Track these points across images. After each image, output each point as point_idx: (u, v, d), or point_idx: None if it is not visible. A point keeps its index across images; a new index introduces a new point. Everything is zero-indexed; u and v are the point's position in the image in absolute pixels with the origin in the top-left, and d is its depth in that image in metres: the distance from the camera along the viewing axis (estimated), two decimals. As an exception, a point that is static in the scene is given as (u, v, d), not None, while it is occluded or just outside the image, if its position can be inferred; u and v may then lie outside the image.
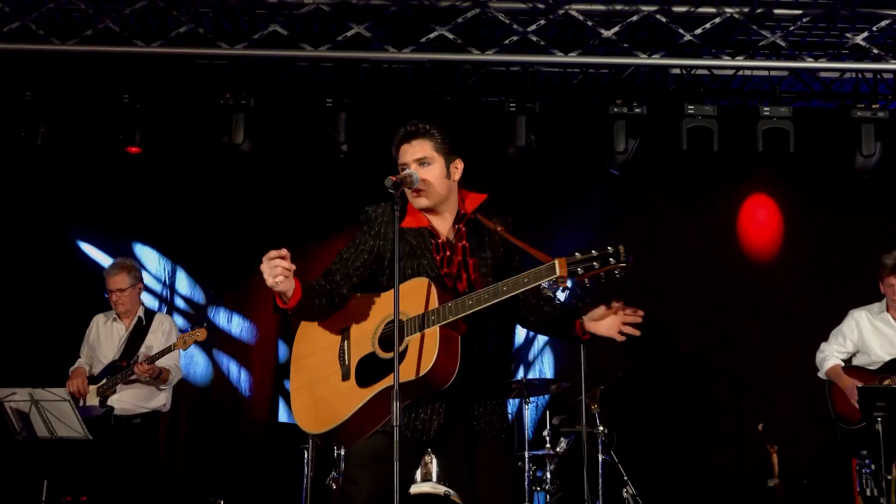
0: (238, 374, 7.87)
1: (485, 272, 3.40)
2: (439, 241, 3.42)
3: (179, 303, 7.96)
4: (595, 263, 3.08)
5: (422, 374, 3.15)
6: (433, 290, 3.23)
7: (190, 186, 7.78)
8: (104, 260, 7.69)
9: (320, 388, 3.37)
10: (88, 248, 7.92)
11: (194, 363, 7.77)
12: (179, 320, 7.74)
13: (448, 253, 3.41)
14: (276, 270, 3.13)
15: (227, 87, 6.92)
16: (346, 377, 3.32)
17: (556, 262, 3.10)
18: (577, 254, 3.11)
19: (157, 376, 5.89)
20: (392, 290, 3.19)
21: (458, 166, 3.49)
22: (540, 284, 3.17)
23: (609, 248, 3.09)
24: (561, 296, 4.07)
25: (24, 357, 7.18)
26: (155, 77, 7.06)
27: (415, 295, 3.25)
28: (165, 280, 7.90)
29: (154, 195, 7.71)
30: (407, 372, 3.15)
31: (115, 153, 7.13)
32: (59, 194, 7.68)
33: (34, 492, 5.76)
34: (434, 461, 5.64)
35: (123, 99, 6.83)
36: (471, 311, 3.17)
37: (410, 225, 3.41)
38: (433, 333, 3.17)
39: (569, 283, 3.21)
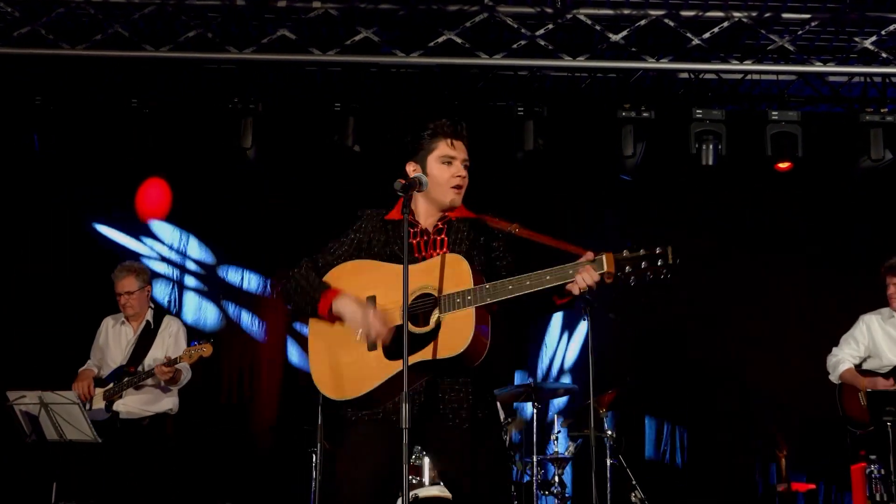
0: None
1: None
2: (417, 228, 3.48)
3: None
4: (643, 263, 3.06)
5: (454, 354, 3.17)
6: (466, 267, 3.24)
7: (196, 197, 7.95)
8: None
9: (343, 354, 3.37)
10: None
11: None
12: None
13: (425, 238, 3.47)
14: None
15: (236, 91, 6.94)
16: (372, 347, 3.32)
17: (604, 256, 3.10)
18: (625, 251, 3.09)
19: (172, 377, 5.88)
20: (418, 264, 3.26)
21: None
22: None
23: (658, 248, 3.06)
24: None
25: (34, 359, 7.21)
26: (164, 81, 7.08)
27: (448, 270, 3.26)
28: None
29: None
30: (439, 350, 3.18)
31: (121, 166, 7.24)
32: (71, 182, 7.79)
33: (43, 494, 5.77)
34: (426, 460, 5.61)
35: (132, 103, 6.86)
36: (510, 296, 3.17)
37: (393, 218, 3.49)
38: (468, 314, 3.18)
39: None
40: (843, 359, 5.96)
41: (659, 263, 3.05)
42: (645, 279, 3.09)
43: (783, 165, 6.88)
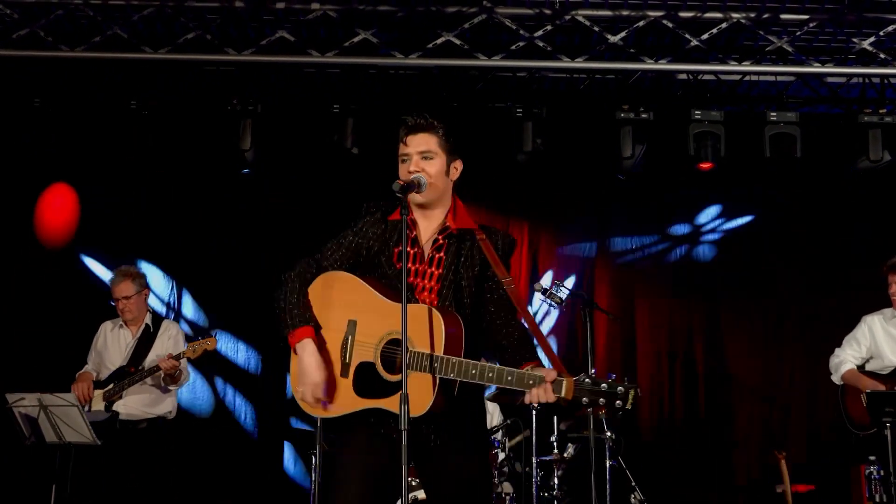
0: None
1: (444, 293, 3.36)
2: (414, 234, 3.42)
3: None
4: (600, 400, 3.06)
5: (417, 415, 3.14)
6: (440, 329, 3.19)
7: (194, 206, 7.88)
8: (107, 275, 7.77)
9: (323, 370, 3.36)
10: (92, 264, 7.96)
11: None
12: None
13: (417, 250, 3.40)
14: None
15: (235, 92, 6.94)
16: (344, 374, 3.32)
17: (565, 381, 3.10)
18: (587, 380, 3.08)
19: (175, 374, 5.87)
20: (398, 305, 3.19)
21: (458, 167, 3.50)
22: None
23: (619, 388, 3.06)
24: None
25: (33, 362, 7.21)
26: (163, 83, 7.08)
27: (424, 324, 3.22)
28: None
29: (159, 215, 7.82)
30: (397, 406, 3.13)
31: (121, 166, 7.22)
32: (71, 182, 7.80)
33: (42, 497, 5.77)
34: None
35: (131, 105, 6.86)
36: (468, 381, 3.16)
37: (395, 218, 3.41)
38: (431, 381, 3.17)
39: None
40: (844, 360, 5.96)
41: (617, 405, 3.06)
42: (597, 413, 3.12)
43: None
